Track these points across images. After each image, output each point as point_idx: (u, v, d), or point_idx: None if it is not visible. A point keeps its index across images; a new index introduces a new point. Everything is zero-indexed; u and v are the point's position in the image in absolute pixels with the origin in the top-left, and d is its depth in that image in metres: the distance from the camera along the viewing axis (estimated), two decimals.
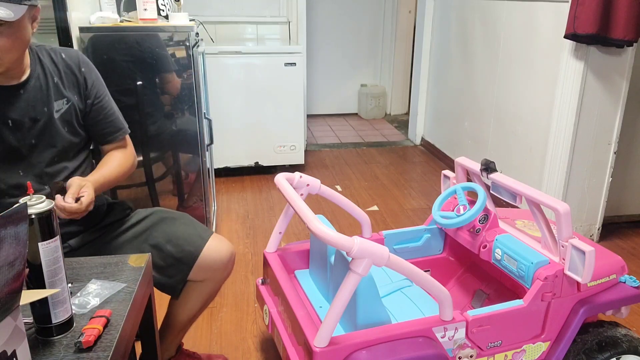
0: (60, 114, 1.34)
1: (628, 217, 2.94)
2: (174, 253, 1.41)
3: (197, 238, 1.44)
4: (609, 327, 1.52)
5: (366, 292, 1.34)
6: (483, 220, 1.65)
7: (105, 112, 1.45)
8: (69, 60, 1.38)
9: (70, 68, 1.38)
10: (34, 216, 0.81)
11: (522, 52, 2.91)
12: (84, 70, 1.40)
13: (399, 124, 5.23)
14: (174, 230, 1.45)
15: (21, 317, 0.73)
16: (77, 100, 1.38)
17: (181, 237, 1.43)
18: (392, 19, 5.33)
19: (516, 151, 3.01)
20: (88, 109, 1.41)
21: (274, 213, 3.05)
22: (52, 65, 1.35)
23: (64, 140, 1.36)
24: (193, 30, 2.28)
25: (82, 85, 1.39)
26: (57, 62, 1.36)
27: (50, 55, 1.36)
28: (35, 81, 1.30)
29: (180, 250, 1.41)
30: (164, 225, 1.46)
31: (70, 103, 1.36)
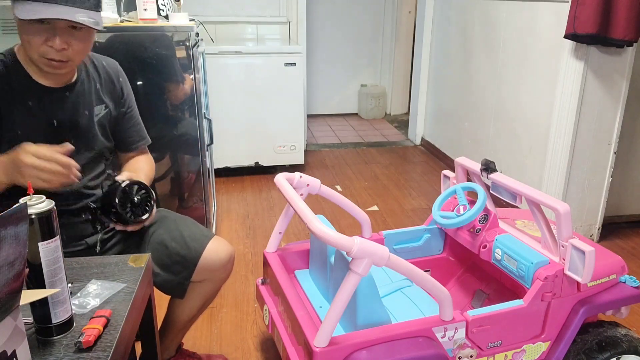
0: (98, 118, 1.40)
1: (628, 217, 2.94)
2: (178, 250, 1.42)
3: (200, 236, 1.47)
4: (609, 327, 1.52)
5: (366, 292, 1.34)
6: (483, 220, 1.65)
7: (133, 121, 1.54)
8: (109, 69, 1.46)
9: (109, 76, 1.45)
10: (34, 216, 0.81)
11: (522, 52, 2.91)
12: (121, 81, 1.49)
13: (399, 124, 5.23)
14: (177, 228, 1.47)
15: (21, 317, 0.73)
16: (112, 107, 1.45)
17: (186, 235, 1.45)
18: (392, 19, 5.33)
19: (516, 151, 3.01)
20: (120, 117, 1.49)
21: (274, 213, 3.05)
22: (94, 71, 1.42)
23: (100, 144, 1.43)
24: (193, 30, 2.28)
25: (118, 94, 1.47)
26: (99, 69, 1.44)
27: (93, 62, 1.44)
28: (80, 85, 1.37)
29: (185, 247, 1.43)
30: (169, 223, 1.48)
31: (107, 109, 1.43)
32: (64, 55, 1.22)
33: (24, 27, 1.19)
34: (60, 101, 1.32)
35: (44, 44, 1.19)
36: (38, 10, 1.15)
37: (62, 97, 1.32)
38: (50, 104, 1.31)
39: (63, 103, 1.33)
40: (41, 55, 1.21)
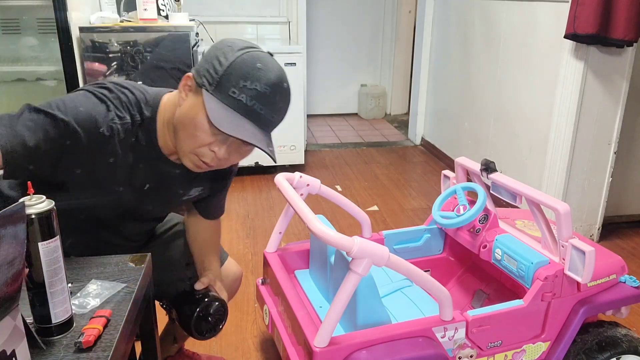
0: (188, 197, 1.32)
1: (628, 217, 2.94)
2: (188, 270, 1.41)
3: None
4: (609, 327, 1.52)
5: (366, 292, 1.34)
6: (483, 220, 1.65)
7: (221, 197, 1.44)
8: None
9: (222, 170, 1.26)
10: (34, 216, 0.81)
11: (522, 52, 2.91)
12: (233, 169, 1.39)
13: (399, 124, 5.23)
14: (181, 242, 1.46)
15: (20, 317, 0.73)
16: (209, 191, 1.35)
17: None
18: (392, 19, 5.33)
19: (516, 151, 3.01)
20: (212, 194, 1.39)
21: (274, 213, 3.05)
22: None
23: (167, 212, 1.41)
24: (193, 30, 2.28)
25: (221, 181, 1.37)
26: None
27: None
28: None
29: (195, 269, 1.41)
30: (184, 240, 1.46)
31: (202, 192, 1.33)
32: (217, 162, 1.11)
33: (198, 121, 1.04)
34: (167, 174, 1.21)
35: (207, 146, 1.07)
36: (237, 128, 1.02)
37: (172, 171, 1.21)
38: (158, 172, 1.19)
39: (168, 176, 1.22)
40: (196, 154, 1.08)
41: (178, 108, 1.09)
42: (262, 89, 1.03)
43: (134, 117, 1.11)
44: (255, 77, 1.02)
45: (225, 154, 1.09)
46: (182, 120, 1.07)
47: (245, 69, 1.03)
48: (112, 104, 1.08)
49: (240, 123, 1.03)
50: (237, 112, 1.03)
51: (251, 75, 1.02)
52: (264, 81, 1.03)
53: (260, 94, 1.03)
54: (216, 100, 1.03)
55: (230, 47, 1.06)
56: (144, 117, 1.13)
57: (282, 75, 1.07)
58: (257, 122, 1.05)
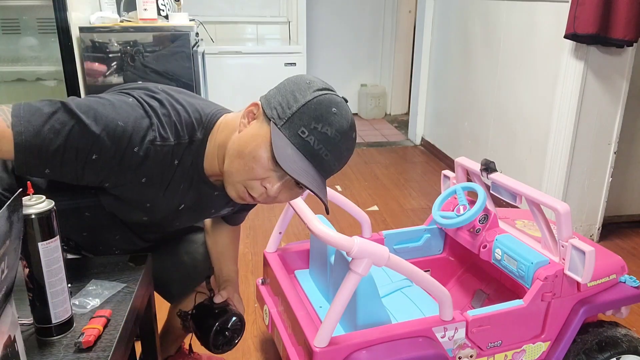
0: (217, 215, 1.30)
1: (628, 217, 2.94)
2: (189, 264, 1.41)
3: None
4: (609, 327, 1.52)
5: (366, 292, 1.34)
6: (483, 220, 1.65)
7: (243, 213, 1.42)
8: None
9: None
10: (34, 216, 0.81)
11: (522, 52, 2.91)
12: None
13: (399, 124, 5.23)
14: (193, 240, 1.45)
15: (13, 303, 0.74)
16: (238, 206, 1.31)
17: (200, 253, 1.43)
18: (392, 19, 5.33)
19: (516, 151, 3.01)
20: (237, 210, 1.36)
21: (274, 213, 3.05)
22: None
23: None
24: (193, 30, 2.28)
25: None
26: None
27: None
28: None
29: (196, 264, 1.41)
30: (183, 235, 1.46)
31: (231, 208, 1.30)
32: (261, 200, 1.05)
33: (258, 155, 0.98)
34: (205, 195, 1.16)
35: (260, 180, 1.01)
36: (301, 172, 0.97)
37: (209, 193, 1.15)
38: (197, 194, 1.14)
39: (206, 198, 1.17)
40: (245, 186, 1.02)
41: (236, 134, 1.03)
42: (332, 134, 0.99)
43: (182, 139, 1.04)
44: (328, 122, 0.98)
45: (276, 193, 1.02)
46: (241, 149, 1.01)
47: (320, 111, 0.98)
48: (157, 121, 1.00)
49: (302, 165, 0.98)
50: (301, 153, 0.98)
51: (325, 119, 0.98)
52: (336, 127, 0.99)
53: (330, 139, 0.99)
54: (283, 136, 0.98)
55: (308, 84, 1.02)
56: (194, 138, 1.06)
57: (353, 124, 1.04)
58: (319, 167, 1.00)
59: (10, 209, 0.69)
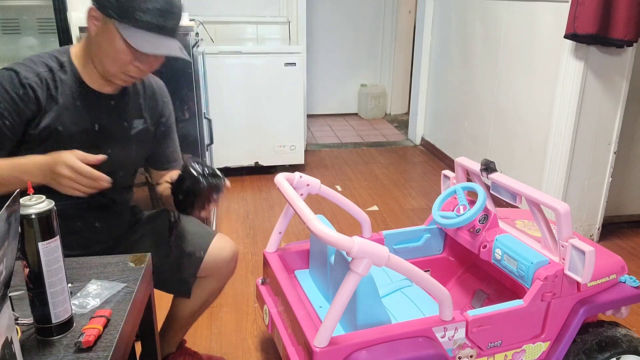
0: (135, 131, 1.39)
1: (628, 217, 2.94)
2: (184, 247, 1.44)
3: (204, 233, 1.50)
4: (609, 327, 1.52)
5: (366, 292, 1.34)
6: (483, 220, 1.65)
7: (168, 141, 1.51)
8: (155, 87, 1.46)
9: (154, 94, 1.45)
10: (34, 216, 0.81)
11: (522, 52, 2.91)
12: (165, 100, 1.48)
13: (399, 124, 5.23)
14: (182, 226, 1.48)
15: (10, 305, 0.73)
16: (150, 123, 1.43)
17: (190, 232, 1.47)
18: (392, 19, 5.33)
19: (516, 151, 3.01)
20: (158, 136, 1.47)
21: (274, 213, 3.05)
22: (141, 86, 1.42)
23: (130, 158, 1.42)
24: (193, 30, 2.28)
25: (159, 113, 1.46)
26: (146, 86, 1.44)
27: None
28: (126, 96, 1.37)
29: (190, 244, 1.45)
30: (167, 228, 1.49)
31: (146, 124, 1.42)
32: (143, 73, 1.27)
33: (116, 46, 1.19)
34: (105, 107, 1.32)
35: (130, 63, 1.22)
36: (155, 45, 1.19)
37: (107, 104, 1.33)
38: (96, 108, 1.31)
39: (107, 109, 1.33)
40: (123, 72, 1.24)
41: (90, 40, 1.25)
42: (161, 5, 1.18)
43: (51, 66, 1.25)
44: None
45: (147, 66, 1.26)
46: (102, 48, 1.22)
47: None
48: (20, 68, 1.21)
49: (154, 40, 1.19)
50: (148, 32, 1.18)
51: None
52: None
53: (162, 10, 1.18)
54: (126, 25, 1.17)
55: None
56: (61, 62, 1.26)
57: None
58: (166, 33, 1.21)
59: (9, 210, 0.69)
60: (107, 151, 1.29)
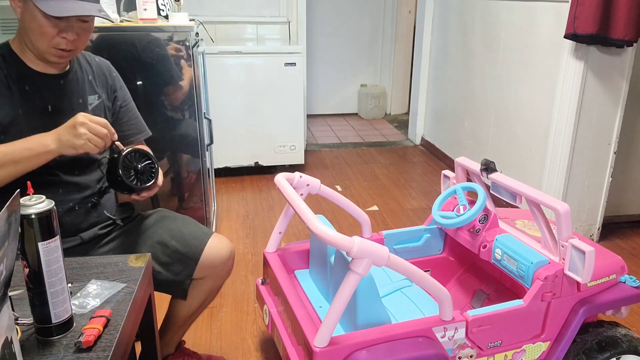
0: (92, 107, 1.43)
1: (628, 217, 2.94)
2: (179, 248, 1.43)
3: (200, 234, 1.48)
4: (609, 327, 1.52)
5: (366, 292, 1.34)
6: (483, 220, 1.65)
7: (130, 114, 1.56)
8: (101, 64, 1.51)
9: (101, 70, 1.50)
10: (34, 216, 0.81)
11: (522, 52, 2.91)
12: (114, 75, 1.53)
13: (399, 124, 5.23)
14: (177, 227, 1.48)
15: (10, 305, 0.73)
16: (105, 98, 1.48)
17: (185, 233, 1.46)
18: (392, 19, 5.33)
19: (516, 151, 3.01)
20: (116, 110, 1.51)
21: (274, 213, 3.05)
22: (86, 64, 1.46)
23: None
24: (193, 30, 2.28)
25: (111, 87, 1.50)
26: (91, 63, 1.48)
27: (85, 56, 1.48)
28: (73, 74, 1.40)
29: (185, 245, 1.44)
30: (168, 222, 1.49)
31: (101, 99, 1.46)
32: (73, 45, 1.29)
33: (38, 20, 1.23)
34: (55, 87, 1.36)
35: (57, 35, 1.25)
36: (67, 8, 1.22)
37: (57, 84, 1.36)
38: (46, 90, 1.34)
39: (57, 89, 1.36)
40: (53, 46, 1.27)
41: (20, 23, 1.28)
42: None
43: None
44: None
45: (74, 35, 1.27)
46: (27, 27, 1.26)
47: None
48: None
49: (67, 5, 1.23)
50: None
51: None
52: None
53: None
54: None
55: None
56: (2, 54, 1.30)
57: None
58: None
59: (10, 210, 0.69)
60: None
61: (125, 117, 1.54)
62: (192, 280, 1.46)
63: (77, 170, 1.39)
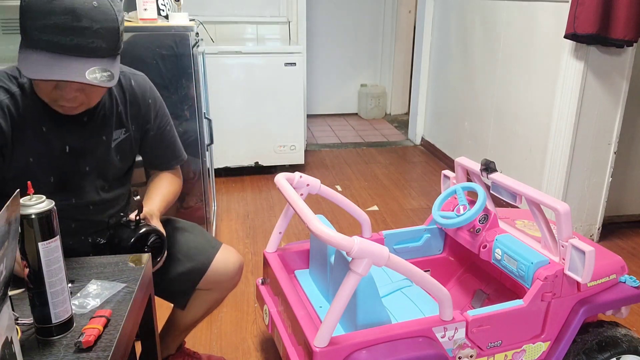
0: (116, 143, 1.30)
1: (628, 217, 2.94)
2: (184, 262, 1.40)
3: (208, 248, 1.44)
4: (609, 327, 1.52)
5: (366, 292, 1.34)
6: (483, 220, 1.65)
7: (165, 141, 1.43)
8: (137, 89, 1.33)
9: (136, 97, 1.32)
10: (34, 216, 0.81)
11: (522, 52, 2.91)
12: (149, 103, 1.35)
13: (399, 124, 5.23)
14: (184, 240, 1.44)
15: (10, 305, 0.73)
16: (134, 130, 1.34)
17: (192, 247, 1.42)
18: (392, 19, 5.33)
19: (516, 151, 3.01)
20: (148, 139, 1.38)
21: (274, 213, 3.05)
22: (119, 92, 1.30)
23: (114, 169, 1.33)
24: (193, 30, 2.28)
25: (143, 117, 1.35)
26: (125, 89, 1.31)
27: (120, 80, 1.30)
28: (101, 108, 1.25)
29: (191, 260, 1.40)
30: (176, 234, 1.45)
31: (128, 133, 1.32)
32: (76, 101, 1.12)
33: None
34: (77, 127, 1.22)
35: (53, 90, 1.09)
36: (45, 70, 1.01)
37: (80, 122, 1.22)
38: (65, 130, 1.20)
39: (80, 129, 1.22)
40: (54, 101, 1.12)
41: None
42: (62, 20, 1.00)
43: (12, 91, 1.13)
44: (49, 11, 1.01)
45: (71, 92, 1.09)
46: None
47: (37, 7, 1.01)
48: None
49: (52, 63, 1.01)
50: (49, 53, 1.02)
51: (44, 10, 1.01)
52: (60, 11, 1.00)
53: (62, 27, 1.01)
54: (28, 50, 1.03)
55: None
56: (21, 83, 1.14)
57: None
58: (75, 53, 1.03)
59: (10, 211, 0.69)
60: (85, 169, 1.26)
61: (162, 144, 1.42)
62: (197, 290, 1.43)
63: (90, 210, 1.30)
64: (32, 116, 1.15)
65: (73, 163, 1.23)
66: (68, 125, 1.20)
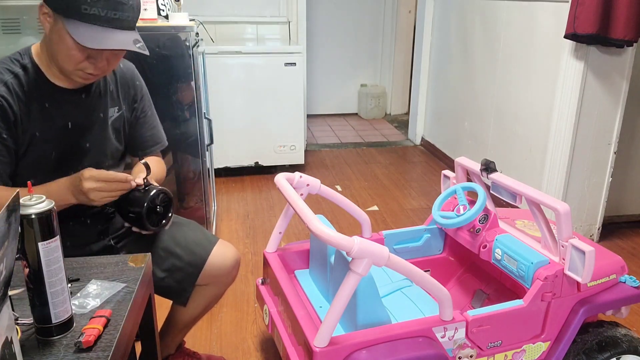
0: (112, 120, 1.39)
1: (628, 217, 2.94)
2: (183, 256, 1.41)
3: (205, 242, 1.46)
4: (609, 327, 1.52)
5: (366, 292, 1.34)
6: (483, 220, 1.65)
7: (148, 125, 1.51)
8: (125, 72, 1.44)
9: (125, 79, 1.43)
10: (34, 216, 0.81)
11: (522, 52, 2.91)
12: (137, 84, 1.46)
13: (399, 124, 5.23)
14: (182, 234, 1.45)
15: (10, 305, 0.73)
16: (126, 109, 1.43)
17: (190, 241, 1.44)
18: (392, 19, 5.33)
19: (516, 151, 3.01)
20: (134, 121, 1.47)
21: (274, 213, 3.05)
22: (111, 73, 1.39)
23: (112, 147, 1.41)
24: (193, 30, 2.28)
25: (132, 97, 1.45)
26: (116, 72, 1.41)
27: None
28: (96, 87, 1.35)
29: (190, 253, 1.41)
30: (173, 229, 1.45)
31: (121, 111, 1.42)
32: (101, 70, 1.23)
33: (66, 43, 1.16)
34: (76, 103, 1.31)
35: (84, 60, 1.19)
36: (102, 40, 1.14)
37: (78, 99, 1.31)
38: (66, 106, 1.29)
39: (79, 105, 1.31)
40: (80, 69, 1.21)
41: (46, 37, 1.21)
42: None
43: (15, 72, 1.22)
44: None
45: (103, 62, 1.21)
46: (55, 46, 1.18)
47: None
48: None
49: (104, 34, 1.14)
50: (97, 25, 1.13)
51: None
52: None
53: (111, 2, 1.13)
54: (74, 21, 1.13)
55: None
56: (23, 64, 1.23)
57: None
58: (117, 26, 1.16)
59: (10, 210, 0.69)
60: (86, 145, 1.33)
61: (143, 128, 1.49)
62: (195, 286, 1.44)
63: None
64: (35, 94, 1.24)
65: (75, 139, 1.30)
66: (68, 102, 1.29)
